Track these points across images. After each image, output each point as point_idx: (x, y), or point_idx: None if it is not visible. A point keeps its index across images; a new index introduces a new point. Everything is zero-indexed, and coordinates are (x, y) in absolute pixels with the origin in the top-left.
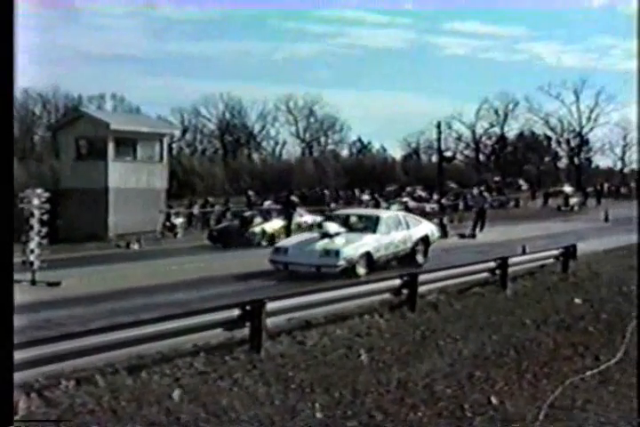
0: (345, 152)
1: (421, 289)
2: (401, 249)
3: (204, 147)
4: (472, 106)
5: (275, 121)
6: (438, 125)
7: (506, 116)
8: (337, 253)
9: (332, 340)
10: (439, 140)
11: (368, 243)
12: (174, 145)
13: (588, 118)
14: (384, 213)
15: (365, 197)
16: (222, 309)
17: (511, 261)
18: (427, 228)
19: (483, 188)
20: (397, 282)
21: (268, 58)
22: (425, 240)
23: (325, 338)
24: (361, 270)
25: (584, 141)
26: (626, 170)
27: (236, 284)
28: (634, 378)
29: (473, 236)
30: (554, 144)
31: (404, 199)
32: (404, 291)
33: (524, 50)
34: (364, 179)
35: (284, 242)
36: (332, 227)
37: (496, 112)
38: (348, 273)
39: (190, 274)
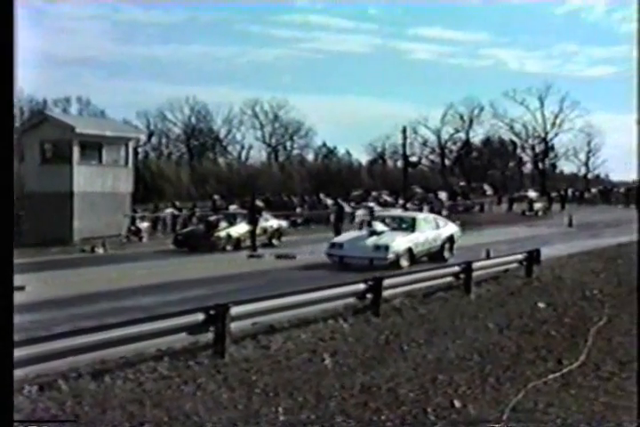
0: (311, 157)
1: (386, 293)
2: (433, 246)
3: (170, 151)
4: (437, 111)
5: (240, 125)
6: (404, 130)
7: (471, 121)
8: (387, 247)
9: (296, 344)
10: (404, 145)
11: (410, 240)
12: (140, 149)
13: (553, 124)
14: (420, 215)
15: (329, 201)
16: (186, 313)
17: (475, 265)
18: (452, 228)
19: (443, 192)
20: (362, 286)
21: (233, 62)
22: (451, 239)
23: (289, 342)
24: (404, 263)
25: (549, 147)
26: (589, 175)
27: (202, 288)
28: (596, 381)
29: None
30: (519, 150)
31: (370, 204)
32: (369, 295)
33: (489, 55)
34: (330, 183)
35: (338, 238)
36: (379, 226)
37: (461, 117)
38: (395, 265)
39: (156, 278)
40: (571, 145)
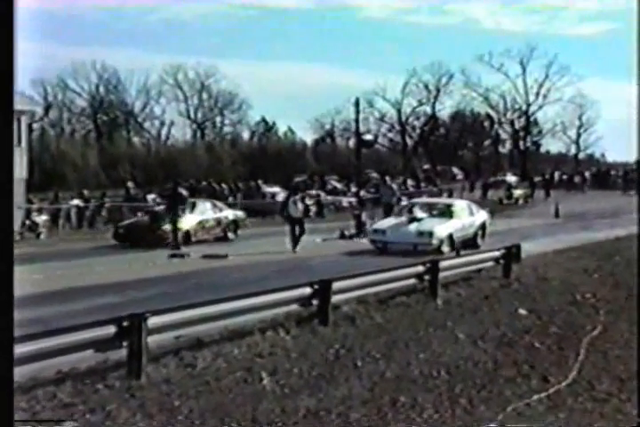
0: (245, 135)
1: (336, 299)
2: (468, 233)
3: (74, 128)
4: (397, 80)
5: (160, 97)
6: (357, 103)
7: (438, 91)
8: (430, 233)
9: (227, 361)
10: (357, 120)
11: (450, 226)
12: (36, 125)
13: (537, 94)
14: (456, 202)
15: (268, 189)
16: (94, 326)
17: (442, 264)
18: (484, 215)
19: (388, 177)
20: (307, 291)
21: (141, 20)
22: (483, 226)
23: (220, 359)
24: (445, 249)
25: (531, 122)
26: (581, 156)
27: (114, 295)
28: (589, 403)
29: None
30: (495, 125)
31: (316, 192)
32: (315, 301)
33: (456, 11)
34: (269, 167)
35: (379, 224)
36: (419, 212)
37: (426, 87)
38: (437, 251)
39: (56, 284)
40: (558, 119)
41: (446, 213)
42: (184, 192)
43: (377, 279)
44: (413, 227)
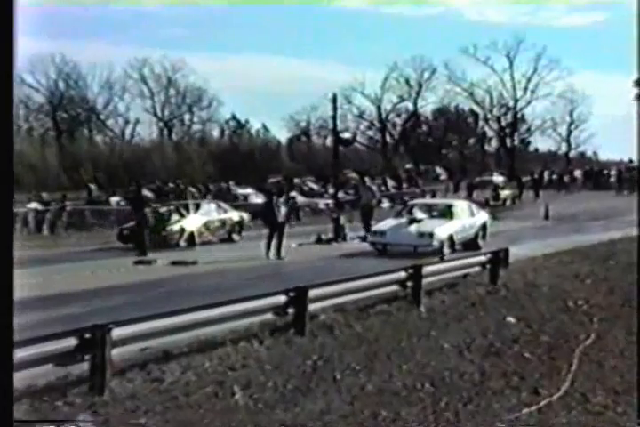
0: (215, 134)
1: (312, 307)
2: (469, 234)
3: (31, 125)
4: (377, 74)
5: (124, 93)
6: (334, 99)
7: (420, 86)
8: (431, 234)
9: (197, 375)
10: (335, 117)
11: (451, 227)
12: None
13: (525, 89)
14: (457, 202)
15: (241, 190)
16: (53, 338)
17: (426, 270)
18: (484, 216)
19: (368, 178)
20: (282, 299)
21: (104, 9)
22: (484, 227)
23: (189, 373)
24: (446, 250)
25: (519, 118)
26: (572, 154)
27: (75, 304)
28: (583, 417)
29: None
30: (481, 122)
31: (292, 194)
32: (291, 310)
33: (437, 2)
34: (241, 168)
35: (378, 226)
36: (419, 213)
37: (407, 82)
38: (438, 253)
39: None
40: (548, 115)
41: (447, 213)
42: (149, 194)
43: (356, 286)
44: (414, 228)
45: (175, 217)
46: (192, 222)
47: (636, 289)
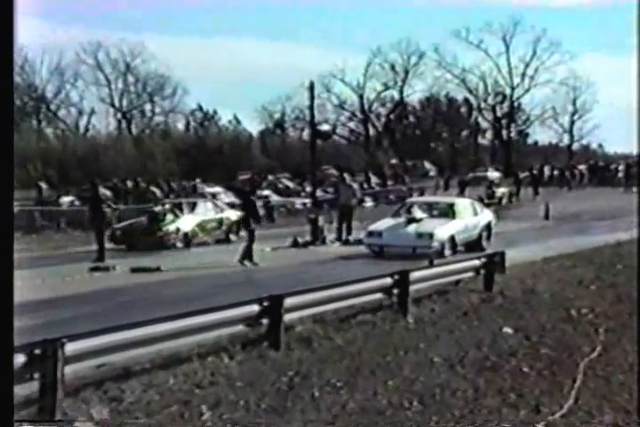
0: (180, 126)
1: (288, 318)
2: (472, 234)
3: None
4: (359, 60)
5: (76, 80)
6: (311, 87)
7: (406, 73)
8: (431, 235)
9: (161, 393)
10: (312, 107)
11: (452, 227)
12: None
13: (523, 75)
14: (458, 200)
15: (208, 189)
16: None
17: (413, 276)
18: (489, 215)
19: (347, 175)
20: (255, 308)
21: None
22: (488, 226)
23: (151, 391)
24: (447, 252)
25: (516, 108)
26: (575, 146)
27: (22, 317)
28: None
29: (346, 241)
30: (474, 112)
31: (265, 192)
32: (264, 321)
33: None
34: (208, 164)
35: (374, 226)
36: (418, 212)
37: (392, 68)
38: (438, 254)
39: None
40: (548, 104)
41: (448, 213)
42: (107, 193)
43: (336, 294)
44: (412, 228)
45: (170, 217)
46: (186, 223)
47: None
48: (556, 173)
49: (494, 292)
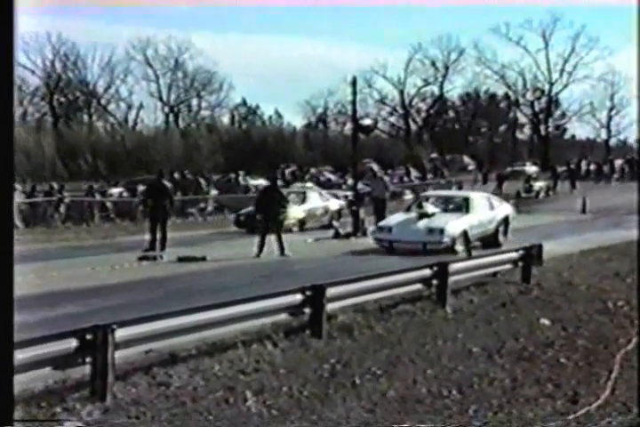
0: (225, 120)
1: (330, 307)
2: (487, 229)
3: (25, 110)
4: (400, 56)
5: (126, 76)
6: (353, 83)
7: (446, 69)
8: (441, 231)
9: (206, 379)
10: (354, 102)
11: (465, 222)
12: None
13: (561, 71)
14: (473, 194)
15: (253, 181)
16: (51, 339)
17: (452, 267)
18: (507, 209)
19: (376, 167)
20: (298, 298)
21: None
22: (505, 221)
23: (197, 377)
24: (459, 248)
25: (554, 103)
26: (612, 141)
27: (73, 303)
28: None
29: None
30: (513, 107)
31: (308, 184)
32: (307, 310)
33: None
34: (252, 157)
35: (385, 222)
36: (430, 207)
37: (433, 64)
38: (449, 250)
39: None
40: (586, 100)
41: (462, 207)
42: (168, 185)
43: (377, 285)
44: (423, 224)
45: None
46: (300, 210)
47: None
48: (593, 167)
49: (531, 284)
